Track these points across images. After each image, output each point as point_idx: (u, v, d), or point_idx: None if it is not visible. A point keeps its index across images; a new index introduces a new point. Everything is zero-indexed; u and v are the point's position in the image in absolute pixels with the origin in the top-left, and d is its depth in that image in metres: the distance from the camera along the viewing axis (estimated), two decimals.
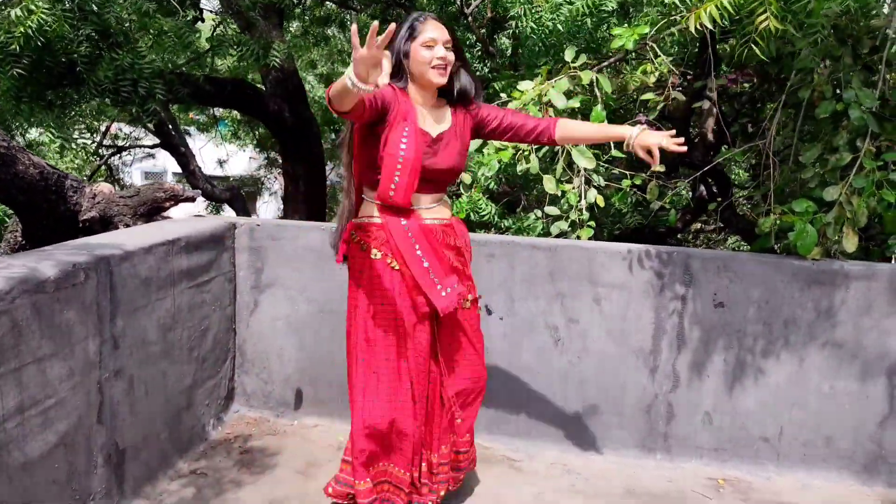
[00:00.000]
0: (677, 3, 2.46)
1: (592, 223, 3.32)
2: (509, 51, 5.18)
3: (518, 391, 3.13)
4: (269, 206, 14.93)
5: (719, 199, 3.74)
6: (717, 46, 3.69)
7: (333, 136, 13.76)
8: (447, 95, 2.37)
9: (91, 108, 4.81)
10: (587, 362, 3.08)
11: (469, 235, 2.54)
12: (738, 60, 3.38)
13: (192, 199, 3.19)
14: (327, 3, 9.55)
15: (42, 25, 3.48)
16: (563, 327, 3.07)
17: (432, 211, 2.37)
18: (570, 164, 3.37)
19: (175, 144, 7.26)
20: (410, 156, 2.21)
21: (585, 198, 3.38)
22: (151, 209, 3.18)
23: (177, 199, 3.16)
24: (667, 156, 2.53)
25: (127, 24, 4.16)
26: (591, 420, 3.12)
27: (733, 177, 5.42)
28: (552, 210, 3.41)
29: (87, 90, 4.19)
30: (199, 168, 7.39)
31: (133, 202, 3.16)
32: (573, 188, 3.39)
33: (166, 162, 15.99)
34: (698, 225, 5.58)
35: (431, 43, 2.21)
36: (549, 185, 3.23)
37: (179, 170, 9.79)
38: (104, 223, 3.24)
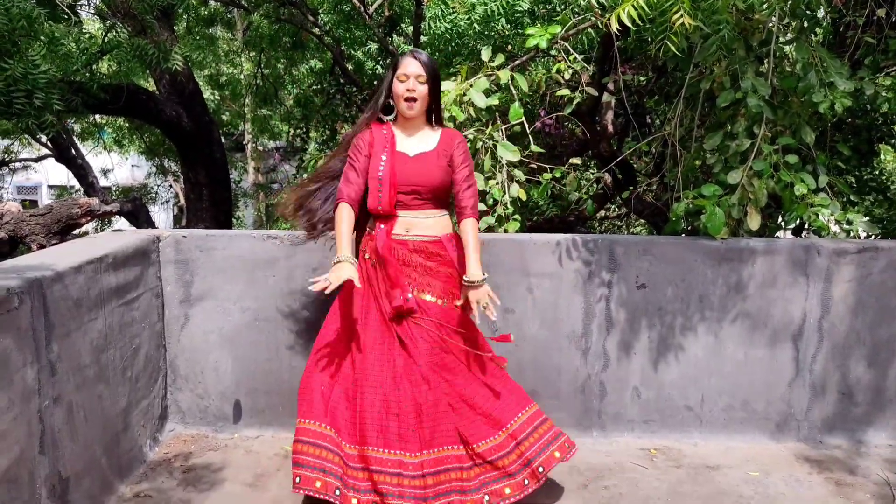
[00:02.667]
0: (594, 3, 2.60)
1: (518, 217, 3.43)
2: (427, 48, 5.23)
3: None
4: (159, 217, 14.30)
5: (630, 188, 3.97)
6: (618, 44, 3.90)
7: (223, 140, 13.38)
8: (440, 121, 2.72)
9: None
10: (524, 349, 3.20)
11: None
12: (635, 56, 3.58)
13: (111, 214, 3.06)
14: (212, 2, 9.28)
15: None
16: (500, 318, 3.16)
17: (420, 225, 2.58)
18: (495, 162, 3.47)
19: (71, 157, 6.82)
20: (387, 173, 2.55)
21: (509, 192, 3.49)
22: (66, 226, 3.02)
23: (93, 214, 3.02)
24: (573, 147, 2.69)
25: (16, 32, 3.90)
26: None
27: (635, 166, 5.72)
28: (479, 206, 3.50)
29: None
30: (97, 180, 6.99)
31: (46, 220, 2.99)
32: (497, 183, 3.50)
33: (41, 175, 14.99)
34: (602, 213, 5.86)
35: (403, 78, 2.54)
36: (478, 182, 3.31)
37: (55, 182, 9.20)
38: (13, 244, 3.05)
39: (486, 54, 3.44)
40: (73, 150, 6.76)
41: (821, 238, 3.33)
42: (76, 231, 3.10)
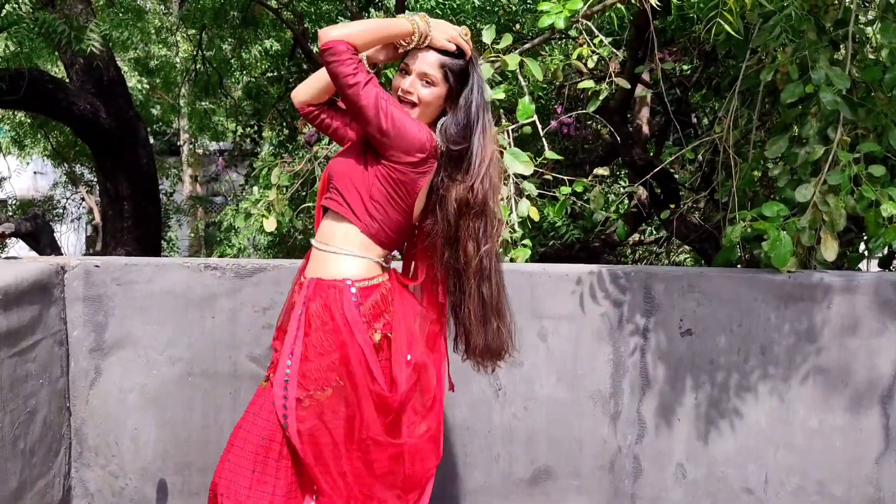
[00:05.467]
0: None
1: (528, 242, 3.42)
2: None
3: (452, 456, 3.16)
4: (69, 238, 14.25)
5: (671, 206, 3.95)
6: (655, 24, 3.92)
7: (152, 140, 13.42)
8: None
9: None
10: (535, 414, 3.16)
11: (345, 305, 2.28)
12: (672, 38, 3.59)
13: (3, 237, 3.02)
14: None
15: None
16: (504, 373, 3.13)
17: (316, 259, 2.37)
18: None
19: None
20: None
21: (517, 211, 3.47)
22: None
23: None
24: (598, 153, 2.67)
25: None
26: (544, 486, 3.19)
27: (677, 178, 5.74)
28: None
29: None
30: None
31: None
32: (501, 199, 3.48)
33: None
34: (635, 236, 5.85)
35: (405, 69, 2.31)
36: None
37: None
38: None
39: (488, 35, 3.44)
40: None
41: None
42: None
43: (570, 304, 3.13)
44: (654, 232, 5.55)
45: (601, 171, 3.51)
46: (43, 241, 5.58)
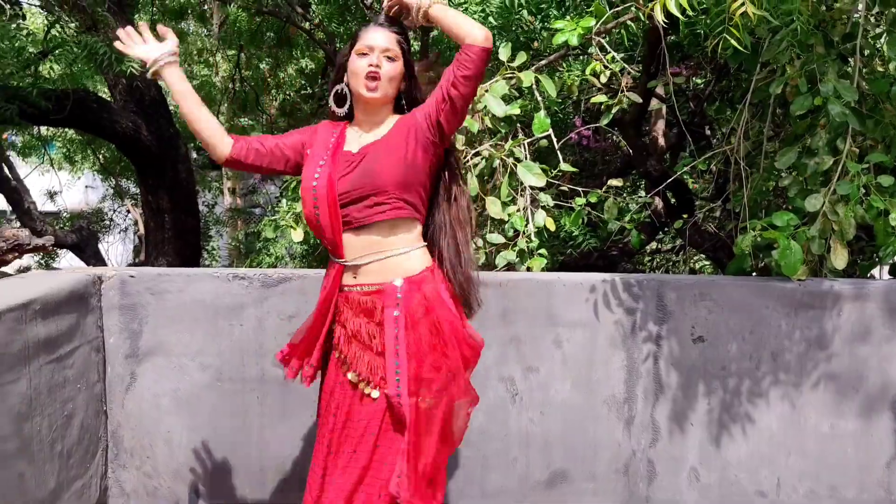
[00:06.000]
0: None
1: (544, 251, 3.39)
2: (419, 46, 5.26)
3: (469, 460, 3.14)
4: (116, 249, 14.41)
5: (685, 216, 3.91)
6: (671, 39, 3.88)
7: (196, 156, 13.53)
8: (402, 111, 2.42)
9: None
10: (551, 419, 3.13)
11: (437, 307, 2.30)
12: (691, 54, 3.55)
13: (44, 249, 3.06)
14: None
15: None
16: (521, 378, 3.10)
17: (362, 272, 2.30)
18: (517, 184, 3.45)
19: (3, 177, 6.90)
20: (323, 180, 2.27)
21: (533, 221, 3.45)
22: None
23: (22, 249, 3.01)
24: (616, 164, 2.63)
25: None
26: (560, 488, 3.16)
27: (694, 188, 5.68)
28: (495, 238, 3.47)
29: None
30: (35, 205, 7.06)
31: None
32: (518, 210, 3.46)
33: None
34: (654, 245, 5.79)
35: (365, 50, 2.28)
36: (494, 208, 3.29)
37: (10, 208, 9.29)
38: None
39: (504, 53, 3.43)
40: (5, 170, 6.83)
41: None
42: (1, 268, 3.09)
43: (585, 311, 3.10)
44: (672, 241, 5.49)
45: (615, 182, 3.48)
46: (88, 252, 5.64)
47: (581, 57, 4.46)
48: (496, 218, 3.31)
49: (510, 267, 3.42)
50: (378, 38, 2.29)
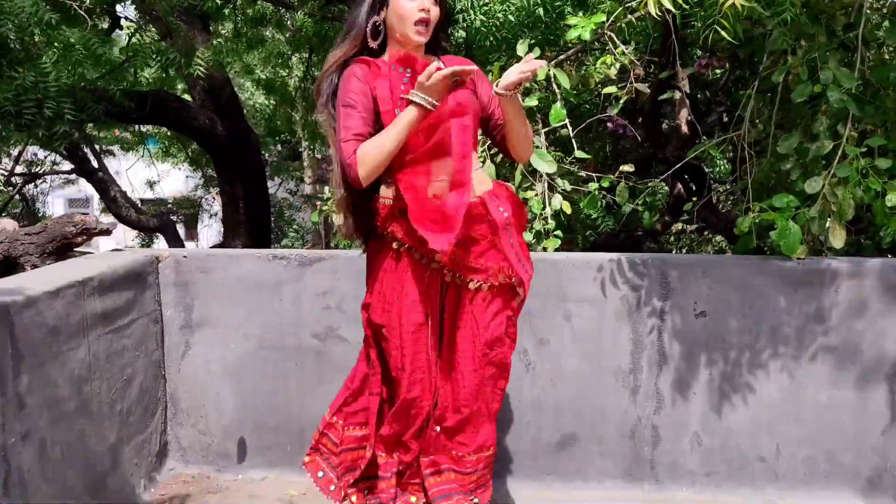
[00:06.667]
0: None
1: (559, 233, 3.30)
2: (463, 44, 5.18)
3: None
4: (210, 231, 14.74)
5: (694, 199, 3.76)
6: (686, 31, 3.72)
7: (280, 148, 13.68)
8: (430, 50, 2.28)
9: None
10: (562, 387, 3.05)
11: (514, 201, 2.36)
12: (707, 45, 3.40)
13: (108, 232, 3.11)
14: (260, 1, 9.51)
15: None
16: (533, 350, 3.04)
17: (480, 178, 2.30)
18: (531, 169, 3.36)
19: (90, 170, 7.10)
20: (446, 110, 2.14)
21: (550, 205, 3.36)
22: (61, 246, 3.08)
23: (89, 233, 3.07)
24: (639, 153, 2.52)
25: (28, 38, 4.06)
26: (571, 450, 3.08)
27: (716, 170, 5.47)
28: None
29: None
30: (121, 193, 7.24)
31: (40, 239, 3.06)
32: (536, 195, 3.38)
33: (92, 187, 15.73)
34: (680, 226, 5.62)
35: None
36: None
37: (121, 194, 9.63)
38: (8, 265, 3.13)
39: (521, 49, 3.33)
40: (96, 162, 7.01)
41: None
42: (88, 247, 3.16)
43: (593, 288, 3.00)
44: (693, 223, 5.31)
45: (626, 167, 3.36)
46: (168, 234, 5.76)
47: (605, 50, 4.33)
48: None
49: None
50: None
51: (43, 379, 2.39)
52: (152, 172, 12.44)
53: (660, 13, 2.40)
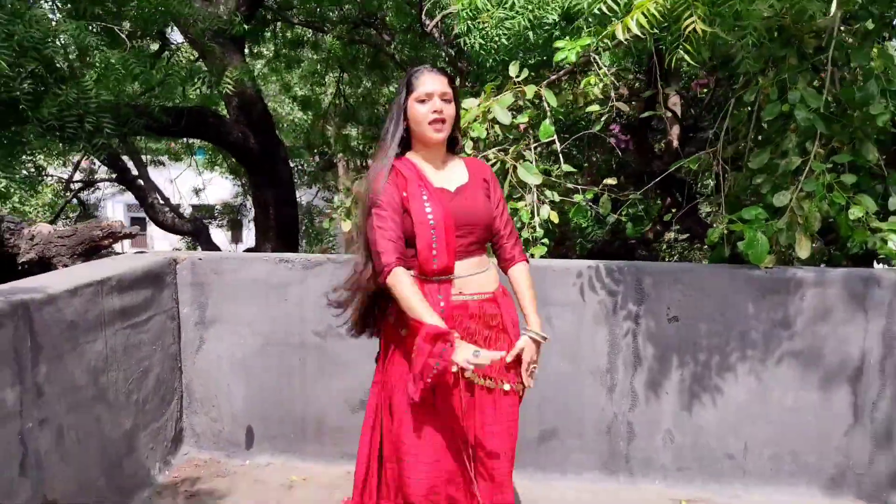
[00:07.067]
0: (606, 12, 2.47)
1: (546, 241, 3.31)
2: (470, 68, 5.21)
3: None
4: (252, 234, 14.93)
5: (673, 211, 3.74)
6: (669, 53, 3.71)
7: (317, 159, 13.81)
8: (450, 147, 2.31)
9: (39, 145, 4.82)
10: (544, 383, 3.04)
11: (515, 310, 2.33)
12: (679, 67, 3.37)
13: (132, 236, 3.20)
14: (298, 26, 9.66)
15: None
16: None
17: (473, 282, 2.19)
18: (521, 181, 3.37)
19: (130, 179, 7.25)
20: (439, 215, 2.13)
21: (539, 214, 3.37)
22: (90, 248, 3.17)
23: (115, 236, 3.16)
24: (631, 167, 2.52)
25: (71, 58, 4.18)
26: (551, 443, 3.09)
27: (705, 183, 5.43)
28: None
29: (32, 128, 4.21)
30: (158, 200, 7.39)
31: (70, 242, 3.16)
32: (525, 205, 3.39)
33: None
34: (672, 235, 5.58)
35: (426, 97, 2.15)
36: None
37: (161, 201, 9.86)
38: (43, 265, 3.23)
39: (513, 70, 3.36)
40: (137, 171, 7.16)
41: (891, 267, 3.01)
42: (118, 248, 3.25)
43: (572, 293, 3.01)
44: (681, 232, 5.29)
45: (609, 180, 3.36)
46: (201, 238, 5.88)
47: (601, 70, 4.32)
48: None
49: None
50: (435, 83, 2.16)
51: (61, 369, 2.47)
52: (200, 180, 12.69)
53: (628, 37, 2.39)
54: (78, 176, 10.66)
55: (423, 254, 2.12)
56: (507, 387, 2.20)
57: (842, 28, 3.07)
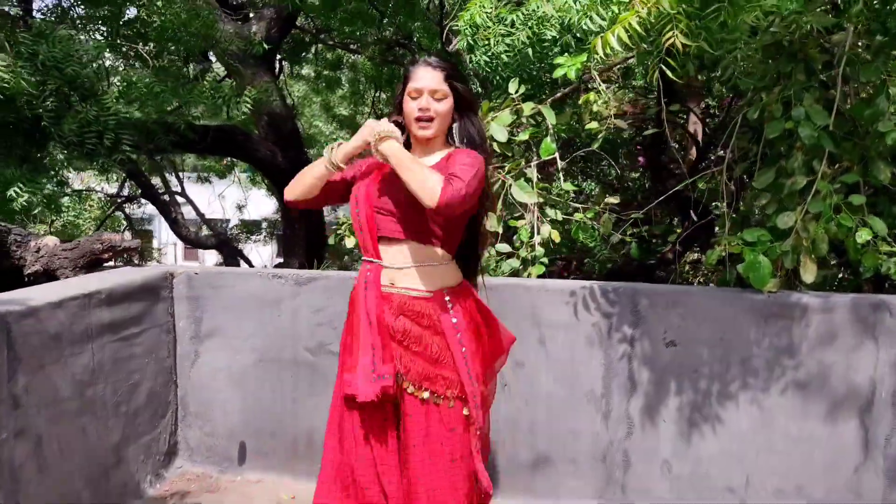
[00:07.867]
0: (592, 27, 2.36)
1: (545, 260, 3.18)
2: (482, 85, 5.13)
3: None
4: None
5: (678, 230, 3.56)
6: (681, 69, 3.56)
7: None
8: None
9: (62, 160, 4.90)
10: (536, 406, 2.92)
11: (487, 315, 2.21)
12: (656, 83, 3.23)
13: (134, 250, 3.17)
14: (337, 48, 9.73)
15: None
16: (510, 371, 2.91)
17: (407, 276, 2.09)
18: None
19: (154, 194, 7.35)
20: (363, 191, 2.11)
21: (539, 233, 3.25)
22: (91, 261, 3.16)
23: (114, 250, 3.14)
24: (644, 187, 2.39)
25: (92, 77, 4.23)
26: (544, 470, 2.94)
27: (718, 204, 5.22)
28: (502, 247, 3.29)
29: (53, 144, 4.27)
30: (182, 215, 7.47)
31: (73, 255, 3.16)
32: (525, 224, 3.27)
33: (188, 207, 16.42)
34: (693, 256, 5.37)
35: (414, 94, 2.06)
36: (490, 221, 3.11)
37: (203, 213, 10.03)
38: (49, 277, 3.23)
39: (512, 87, 3.26)
40: (165, 186, 7.25)
41: None
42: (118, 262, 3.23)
43: (566, 314, 2.87)
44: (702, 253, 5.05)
45: (612, 199, 3.21)
46: (226, 252, 5.90)
47: (611, 87, 4.18)
48: (491, 231, 3.12)
49: (514, 274, 3.23)
50: (426, 79, 2.05)
51: (42, 381, 2.43)
52: (243, 196, 12.88)
53: (602, 55, 2.26)
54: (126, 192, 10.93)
55: (355, 230, 2.15)
56: (425, 395, 2.04)
57: (852, 43, 2.88)
